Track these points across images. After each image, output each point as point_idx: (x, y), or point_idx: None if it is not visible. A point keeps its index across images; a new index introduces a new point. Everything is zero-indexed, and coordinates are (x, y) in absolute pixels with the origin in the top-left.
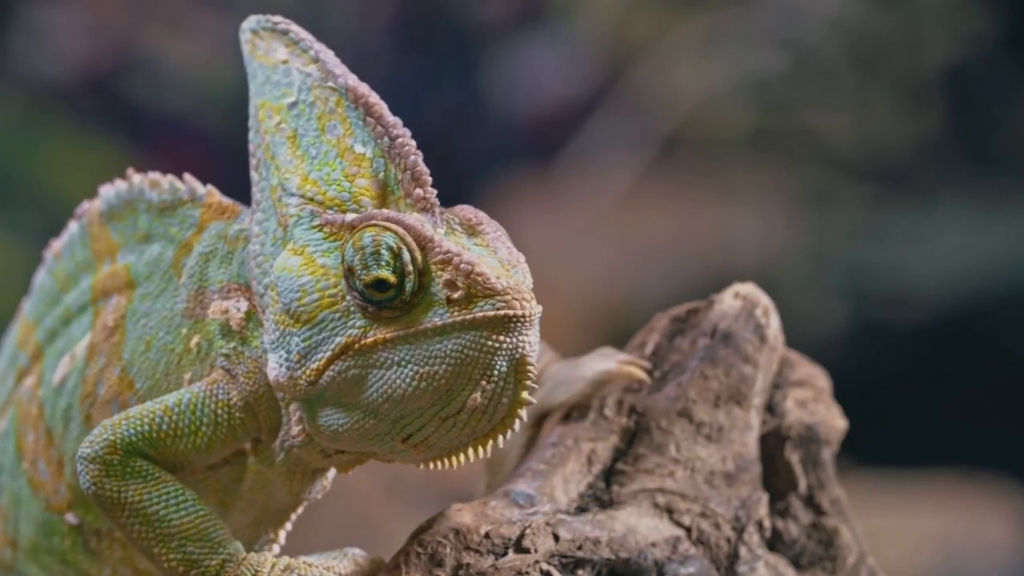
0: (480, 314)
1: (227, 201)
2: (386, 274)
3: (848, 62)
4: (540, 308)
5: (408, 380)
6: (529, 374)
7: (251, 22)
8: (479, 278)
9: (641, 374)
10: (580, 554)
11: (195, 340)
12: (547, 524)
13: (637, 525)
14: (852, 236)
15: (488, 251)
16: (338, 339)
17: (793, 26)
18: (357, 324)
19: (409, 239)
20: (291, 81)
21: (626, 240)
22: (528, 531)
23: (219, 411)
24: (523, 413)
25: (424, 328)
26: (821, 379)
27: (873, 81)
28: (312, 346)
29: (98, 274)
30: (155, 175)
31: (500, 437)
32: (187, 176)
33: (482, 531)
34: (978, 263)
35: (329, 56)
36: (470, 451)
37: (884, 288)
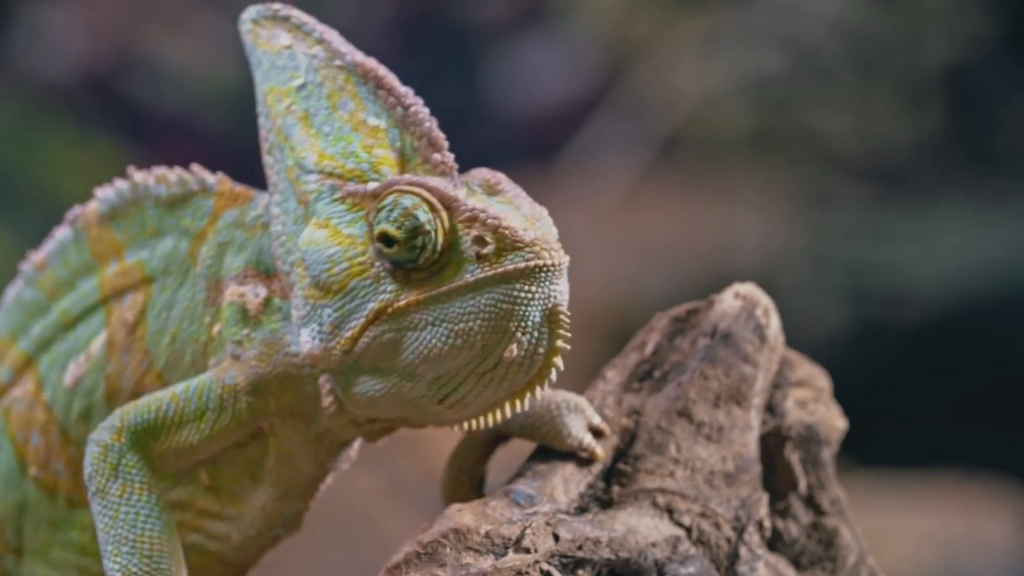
0: (511, 266)
1: (239, 187)
2: (390, 229)
3: (848, 62)
4: (568, 258)
5: (444, 339)
6: (563, 322)
7: (251, 12)
8: (507, 231)
9: (602, 455)
10: (580, 554)
11: (217, 328)
12: (547, 524)
13: (637, 525)
14: (852, 236)
15: (511, 207)
16: (370, 305)
17: (793, 26)
18: (388, 288)
19: (434, 200)
20: (297, 64)
21: (626, 240)
22: (528, 531)
23: (225, 395)
24: (559, 362)
25: (456, 286)
26: (821, 379)
27: (873, 81)
28: (345, 315)
29: (104, 275)
30: (161, 170)
31: (537, 389)
32: (194, 167)
33: (482, 531)
34: (978, 263)
35: (334, 36)
36: (507, 407)
37: (884, 288)
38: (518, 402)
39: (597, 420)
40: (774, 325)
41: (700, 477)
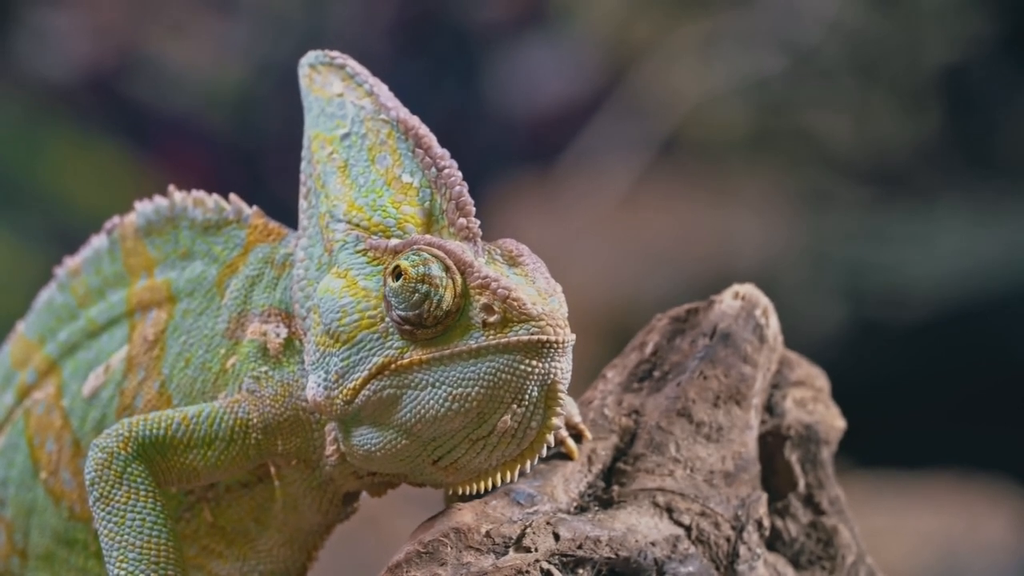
0: (515, 338)
1: (273, 223)
2: (403, 264)
3: (847, 64)
4: (574, 336)
5: (441, 401)
6: (559, 400)
7: (309, 57)
8: (515, 303)
9: (576, 451)
10: (580, 553)
11: (232, 361)
12: (547, 523)
13: (637, 524)
14: (851, 237)
15: (527, 280)
16: (375, 359)
17: (792, 28)
18: (395, 345)
19: (449, 263)
20: (345, 113)
21: (627, 241)
22: (529, 530)
23: (236, 428)
24: (551, 439)
25: (459, 350)
26: (820, 379)
27: (872, 83)
28: (350, 366)
29: (133, 288)
30: (199, 193)
31: (528, 462)
32: (232, 196)
33: (483, 530)
34: (977, 264)
35: (383, 90)
36: (499, 475)
37: (883, 288)
38: (509, 473)
39: (578, 420)
40: (773, 325)
41: (700, 476)
